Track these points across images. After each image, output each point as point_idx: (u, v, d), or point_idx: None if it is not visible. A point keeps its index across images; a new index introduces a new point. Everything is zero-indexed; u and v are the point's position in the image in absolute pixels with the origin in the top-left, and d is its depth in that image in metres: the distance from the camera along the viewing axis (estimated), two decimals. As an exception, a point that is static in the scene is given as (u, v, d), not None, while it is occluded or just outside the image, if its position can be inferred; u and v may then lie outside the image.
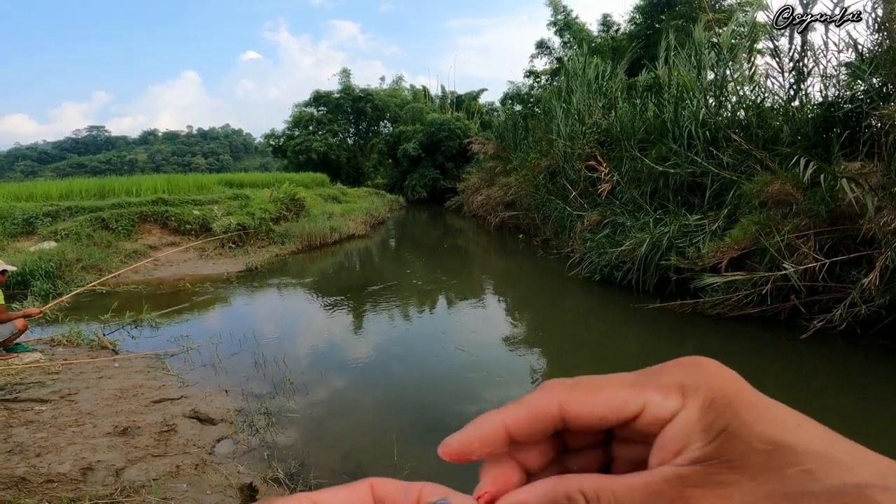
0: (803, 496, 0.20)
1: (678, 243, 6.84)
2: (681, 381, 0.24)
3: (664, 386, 0.24)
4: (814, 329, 5.30)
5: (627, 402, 0.24)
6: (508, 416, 0.26)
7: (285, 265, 11.39)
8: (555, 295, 8.60)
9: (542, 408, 0.25)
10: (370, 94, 38.46)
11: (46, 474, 2.96)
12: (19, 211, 11.16)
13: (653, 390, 0.24)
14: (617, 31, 22.31)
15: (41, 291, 8.19)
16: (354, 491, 0.26)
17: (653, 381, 0.25)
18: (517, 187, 14.72)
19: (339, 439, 3.82)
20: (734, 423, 0.22)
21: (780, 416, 0.23)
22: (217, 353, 5.51)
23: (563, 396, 0.25)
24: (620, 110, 10.65)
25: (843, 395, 4.45)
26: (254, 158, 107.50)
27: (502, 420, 0.26)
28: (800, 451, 0.21)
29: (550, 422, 0.25)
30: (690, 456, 0.22)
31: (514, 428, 0.25)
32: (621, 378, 0.25)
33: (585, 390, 0.25)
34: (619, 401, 0.24)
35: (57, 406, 4.08)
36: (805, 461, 0.21)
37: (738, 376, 0.25)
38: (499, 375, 5.00)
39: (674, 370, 0.25)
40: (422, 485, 0.27)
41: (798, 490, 0.20)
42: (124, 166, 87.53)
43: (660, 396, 0.24)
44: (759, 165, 6.72)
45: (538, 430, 0.25)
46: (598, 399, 0.25)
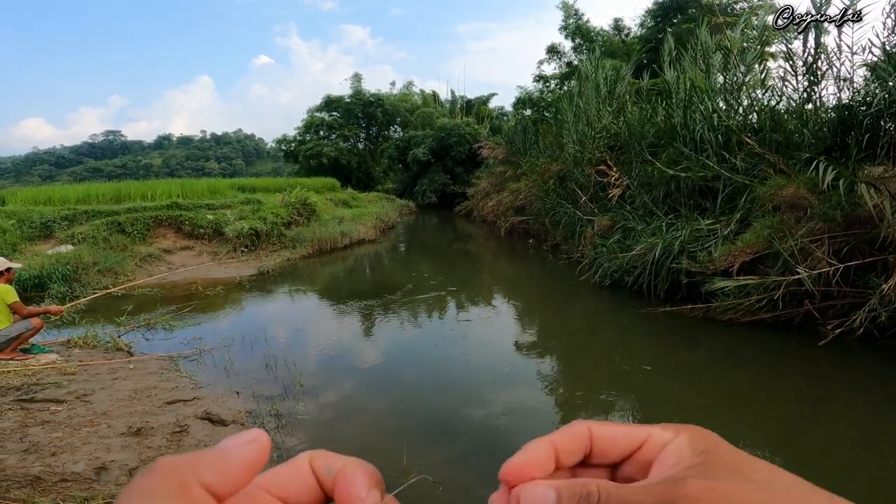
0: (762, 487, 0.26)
1: (690, 248, 6.78)
2: (674, 426, 0.31)
3: (662, 426, 0.32)
4: (832, 336, 5.22)
5: (637, 432, 0.31)
6: (555, 438, 0.31)
7: (296, 269, 11.48)
8: (565, 300, 8.56)
9: (579, 432, 0.31)
10: (381, 98, 38.72)
11: (61, 473, 3.00)
12: (37, 214, 11.39)
13: (654, 428, 0.31)
14: (627, 34, 22.25)
15: (58, 294, 8.35)
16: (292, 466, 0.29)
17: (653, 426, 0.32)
18: (527, 192, 14.70)
19: (347, 442, 3.83)
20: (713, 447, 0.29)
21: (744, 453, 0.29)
22: (229, 356, 5.56)
23: (590, 425, 0.32)
24: (630, 114, 10.61)
25: (859, 400, 4.37)
26: (265, 163, 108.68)
27: (552, 441, 0.31)
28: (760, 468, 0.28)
29: (584, 442, 0.31)
30: (683, 465, 0.28)
31: (561, 447, 0.31)
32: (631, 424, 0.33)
33: (606, 423, 0.32)
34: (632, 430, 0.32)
35: (72, 406, 4.15)
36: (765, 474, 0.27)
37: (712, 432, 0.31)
38: (509, 380, 4.99)
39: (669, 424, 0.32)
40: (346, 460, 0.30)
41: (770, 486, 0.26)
42: (140, 171, 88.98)
43: (659, 430, 0.31)
44: (773, 169, 6.64)
45: (577, 448, 0.31)
46: (617, 428, 0.32)
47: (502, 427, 3.93)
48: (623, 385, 4.76)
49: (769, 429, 3.90)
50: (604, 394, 4.61)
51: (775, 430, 3.88)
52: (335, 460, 0.29)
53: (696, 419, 4.05)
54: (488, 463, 3.34)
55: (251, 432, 0.29)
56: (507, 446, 3.37)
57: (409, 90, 43.36)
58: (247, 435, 0.29)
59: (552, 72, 23.92)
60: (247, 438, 0.28)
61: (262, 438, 0.29)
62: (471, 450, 3.60)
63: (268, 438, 0.29)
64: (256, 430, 0.29)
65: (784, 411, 4.20)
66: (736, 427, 3.94)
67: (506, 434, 3.81)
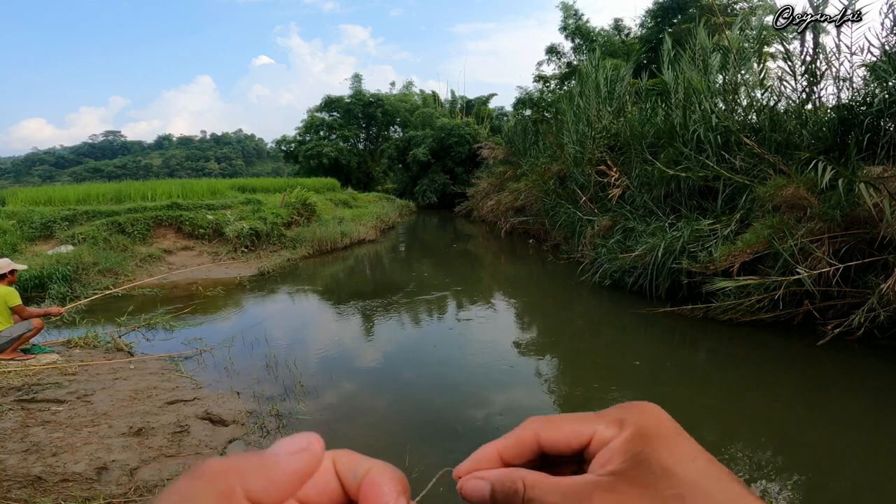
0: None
1: (690, 248, 6.79)
2: (621, 417, 0.32)
3: (609, 420, 0.32)
4: (831, 335, 5.23)
5: (583, 431, 0.32)
6: (500, 445, 0.34)
7: (296, 269, 11.48)
8: (565, 300, 8.57)
9: (524, 438, 0.33)
10: (381, 99, 38.71)
11: (62, 473, 3.01)
12: (38, 215, 11.40)
13: (601, 423, 0.32)
14: (628, 34, 22.25)
15: (58, 294, 8.35)
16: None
17: (603, 416, 0.32)
18: (527, 192, 14.71)
19: (348, 443, 3.83)
20: (646, 451, 0.29)
21: (681, 450, 0.29)
22: (229, 356, 5.57)
23: (537, 428, 0.33)
24: (630, 114, 10.61)
25: (859, 400, 4.37)
26: (266, 164, 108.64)
27: (496, 448, 0.33)
28: (681, 479, 0.27)
29: (530, 448, 0.33)
30: (609, 469, 0.29)
31: (504, 453, 0.33)
32: (583, 415, 0.33)
33: (555, 424, 0.33)
34: (577, 431, 0.32)
35: (73, 406, 4.15)
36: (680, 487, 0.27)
37: (668, 417, 0.32)
38: (509, 380, 4.99)
39: (620, 410, 0.33)
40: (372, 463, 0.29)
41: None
42: (140, 171, 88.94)
43: (604, 426, 0.32)
44: (773, 170, 6.65)
45: (522, 453, 0.33)
46: (563, 430, 0.33)
47: (503, 427, 3.93)
48: (623, 385, 4.76)
49: (770, 429, 3.91)
50: (603, 393, 4.61)
51: (776, 430, 3.88)
52: (361, 463, 0.29)
53: (696, 419, 4.06)
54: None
55: (304, 438, 0.28)
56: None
57: (409, 90, 43.36)
58: (300, 440, 0.28)
59: (552, 72, 23.94)
60: (299, 445, 0.27)
61: (316, 447, 0.28)
62: (473, 450, 3.60)
63: (321, 446, 0.28)
64: (310, 436, 0.28)
65: (785, 411, 4.21)
66: (737, 427, 3.94)
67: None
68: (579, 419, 0.33)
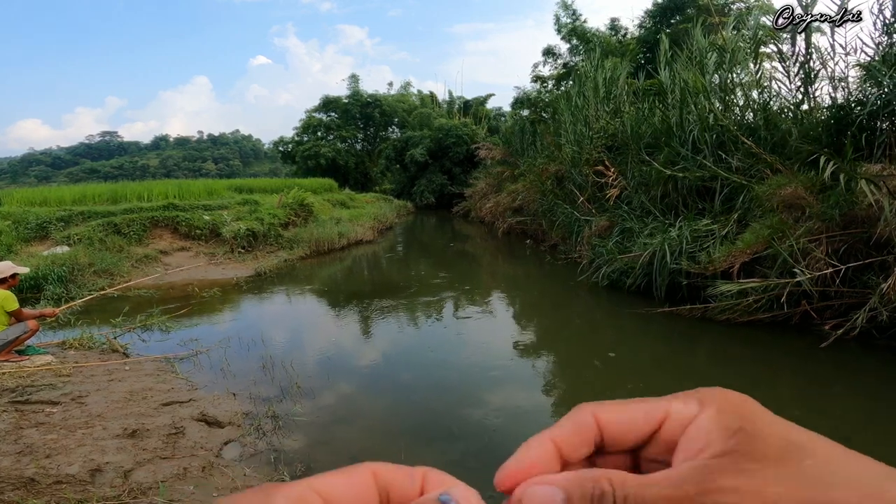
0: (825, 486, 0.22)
1: (688, 248, 6.78)
2: (698, 394, 0.27)
3: (683, 397, 0.27)
4: (834, 336, 5.20)
5: (654, 410, 0.27)
6: (554, 433, 0.27)
7: (294, 270, 11.45)
8: (563, 300, 8.56)
9: (584, 423, 0.27)
10: (378, 99, 38.68)
11: (55, 475, 2.98)
12: (33, 216, 11.34)
13: (674, 400, 0.27)
14: (624, 35, 22.28)
15: (53, 295, 8.30)
16: (354, 477, 0.26)
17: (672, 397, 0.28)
18: (525, 193, 14.70)
19: (345, 444, 3.81)
20: (748, 424, 0.24)
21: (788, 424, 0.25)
22: (226, 357, 5.53)
23: (596, 410, 0.28)
24: (627, 114, 10.61)
25: (860, 400, 4.37)
26: (263, 164, 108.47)
27: (551, 438, 0.27)
28: (813, 452, 0.23)
29: (591, 433, 0.27)
30: (712, 451, 0.24)
31: (563, 443, 0.27)
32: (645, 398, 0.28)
33: (615, 404, 0.28)
34: (647, 409, 0.27)
35: (67, 408, 4.12)
36: (816, 459, 0.23)
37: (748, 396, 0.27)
38: (506, 381, 4.98)
39: (691, 391, 0.28)
40: (424, 470, 0.27)
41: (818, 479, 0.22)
42: (136, 171, 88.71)
43: (681, 404, 0.27)
44: (770, 169, 6.65)
45: (584, 441, 0.27)
46: (628, 409, 0.28)
47: (499, 428, 3.91)
48: (623, 385, 4.75)
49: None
50: (603, 394, 4.59)
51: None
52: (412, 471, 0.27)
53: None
54: (487, 464, 3.32)
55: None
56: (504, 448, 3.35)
57: (407, 91, 43.33)
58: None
59: (549, 73, 23.95)
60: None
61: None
62: (470, 451, 3.58)
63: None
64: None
65: (784, 412, 4.12)
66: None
67: (503, 435, 3.79)
68: (644, 399, 0.28)
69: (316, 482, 0.25)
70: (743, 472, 0.22)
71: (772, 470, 0.22)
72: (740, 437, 0.24)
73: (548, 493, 0.24)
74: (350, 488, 0.25)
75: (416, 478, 0.26)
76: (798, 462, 0.23)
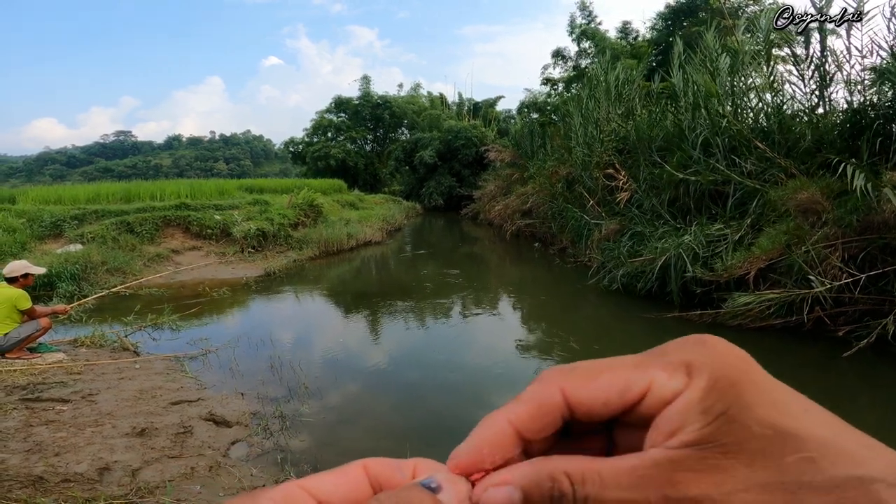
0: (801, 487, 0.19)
1: (701, 253, 6.70)
2: (687, 360, 0.23)
3: (670, 364, 0.23)
4: (857, 347, 5.06)
5: (632, 383, 0.23)
6: (512, 413, 0.24)
7: (303, 271, 11.49)
8: (572, 304, 8.50)
9: (546, 398, 0.24)
10: (388, 100, 38.76)
11: (64, 474, 3.00)
12: (47, 214, 11.49)
13: (658, 369, 0.23)
14: (636, 37, 22.15)
15: (66, 293, 8.40)
16: (346, 474, 0.25)
17: (658, 360, 0.24)
18: (534, 195, 14.64)
19: (352, 444, 3.80)
20: (735, 406, 0.21)
21: (785, 399, 0.22)
22: (234, 357, 5.56)
23: (562, 383, 0.24)
24: (639, 117, 10.53)
25: (878, 409, 4.28)
26: (273, 164, 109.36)
27: (507, 419, 0.24)
28: (802, 437, 0.20)
29: (557, 412, 0.24)
30: (685, 438, 0.21)
31: (521, 425, 0.24)
32: (624, 359, 0.24)
33: (586, 374, 0.24)
34: (623, 382, 0.23)
35: (77, 406, 4.15)
36: (807, 448, 0.20)
37: (746, 356, 0.24)
38: (514, 383, 4.94)
39: (680, 348, 0.24)
40: (415, 461, 0.26)
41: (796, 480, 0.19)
42: (149, 171, 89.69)
43: (665, 375, 0.23)
44: (784, 174, 6.56)
45: (547, 422, 0.24)
46: (601, 382, 0.24)
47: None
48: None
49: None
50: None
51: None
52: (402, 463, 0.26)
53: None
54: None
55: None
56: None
57: (417, 92, 43.38)
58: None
59: (560, 75, 23.86)
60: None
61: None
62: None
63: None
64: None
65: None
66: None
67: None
68: (623, 365, 0.24)
69: (305, 481, 0.24)
70: (711, 471, 0.20)
71: (743, 470, 0.20)
72: (720, 423, 0.21)
73: (504, 495, 0.23)
74: (341, 483, 0.24)
75: (406, 469, 0.26)
76: (779, 458, 0.20)
